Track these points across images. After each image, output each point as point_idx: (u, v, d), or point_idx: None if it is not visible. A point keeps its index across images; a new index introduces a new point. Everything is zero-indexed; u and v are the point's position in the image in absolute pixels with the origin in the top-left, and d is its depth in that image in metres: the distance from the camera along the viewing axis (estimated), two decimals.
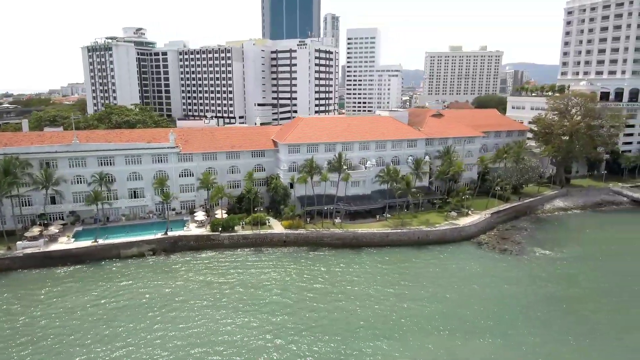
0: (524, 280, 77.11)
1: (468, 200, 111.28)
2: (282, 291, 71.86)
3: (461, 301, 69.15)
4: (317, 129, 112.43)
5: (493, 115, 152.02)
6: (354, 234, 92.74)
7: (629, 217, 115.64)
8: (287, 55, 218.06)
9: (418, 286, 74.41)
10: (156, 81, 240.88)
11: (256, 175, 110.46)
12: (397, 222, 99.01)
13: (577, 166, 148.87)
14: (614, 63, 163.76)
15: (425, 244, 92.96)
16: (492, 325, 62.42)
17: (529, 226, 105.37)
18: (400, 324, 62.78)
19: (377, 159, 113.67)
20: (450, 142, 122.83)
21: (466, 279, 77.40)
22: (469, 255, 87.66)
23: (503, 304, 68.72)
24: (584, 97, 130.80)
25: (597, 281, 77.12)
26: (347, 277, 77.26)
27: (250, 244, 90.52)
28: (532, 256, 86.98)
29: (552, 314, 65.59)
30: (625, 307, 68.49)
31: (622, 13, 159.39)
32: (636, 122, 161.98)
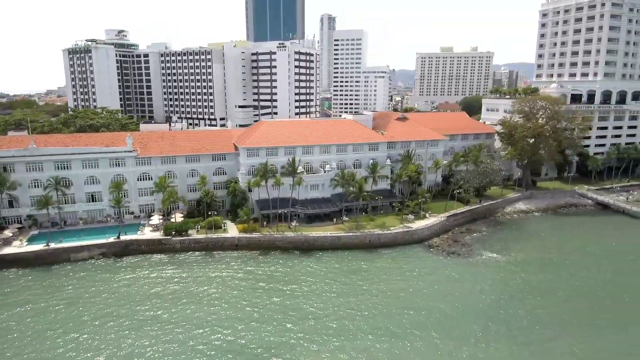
0: (464, 282, 77.70)
1: (427, 203, 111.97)
2: (217, 295, 72.43)
3: (395, 303, 69.81)
4: (278, 132, 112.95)
5: (461, 118, 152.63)
6: (306, 237, 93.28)
7: (589, 219, 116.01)
8: (268, 57, 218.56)
9: (357, 287, 75.19)
10: (138, 83, 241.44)
11: (217, 178, 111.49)
12: (352, 226, 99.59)
13: (546, 169, 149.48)
14: (586, 65, 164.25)
15: (377, 246, 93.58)
16: (415, 328, 63.09)
17: (484, 229, 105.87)
18: (325, 325, 63.49)
19: (338, 162, 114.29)
20: (412, 146, 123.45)
21: (407, 280, 78.25)
22: (416, 258, 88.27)
23: (435, 306, 69.28)
24: (549, 100, 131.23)
25: (530, 285, 77.54)
26: (289, 279, 77.83)
27: (202, 248, 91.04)
28: (478, 259, 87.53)
29: (481, 318, 66.31)
30: (554, 309, 69.09)
31: (594, 15, 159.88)
32: (609, 124, 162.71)
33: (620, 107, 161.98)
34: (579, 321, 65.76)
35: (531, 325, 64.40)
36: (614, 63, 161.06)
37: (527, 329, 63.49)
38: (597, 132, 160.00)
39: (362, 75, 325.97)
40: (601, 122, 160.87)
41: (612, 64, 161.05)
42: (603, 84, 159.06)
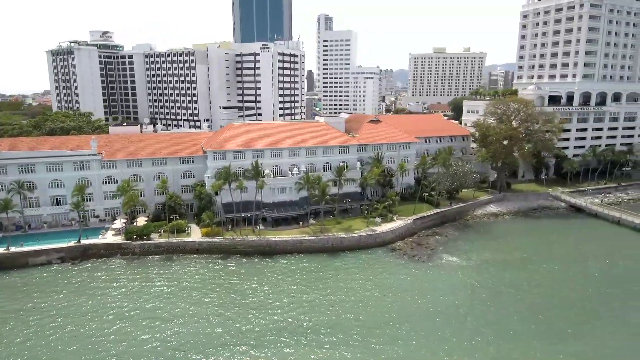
0: (417, 287, 77.41)
1: (396, 206, 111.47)
2: (164, 300, 71.89)
3: (343, 306, 69.43)
4: (247, 135, 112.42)
5: (438, 120, 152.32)
6: (268, 241, 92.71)
7: (560, 222, 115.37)
8: (251, 58, 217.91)
9: (310, 292, 74.64)
10: (123, 84, 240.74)
11: (185, 181, 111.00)
12: (317, 229, 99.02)
13: (523, 170, 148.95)
14: (565, 67, 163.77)
15: (340, 250, 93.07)
16: (357, 333, 62.65)
17: (451, 232, 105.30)
18: (267, 328, 63.00)
19: (308, 165, 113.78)
20: (384, 148, 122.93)
21: (361, 284, 78.08)
22: (376, 262, 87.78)
23: (381, 310, 68.93)
24: (521, 102, 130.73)
25: (483, 289, 76.95)
26: (243, 285, 77.27)
27: (162, 252, 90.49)
28: (438, 263, 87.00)
29: (425, 322, 66.10)
30: (503, 313, 68.66)
31: (573, 16, 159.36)
32: (588, 126, 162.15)
33: (599, 109, 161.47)
34: (527, 327, 65.11)
35: (475, 330, 63.86)
36: (593, 64, 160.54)
37: (470, 334, 62.92)
38: (576, 134, 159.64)
39: (351, 76, 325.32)
40: (580, 123, 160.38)
41: (591, 65, 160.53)
42: (582, 86, 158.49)
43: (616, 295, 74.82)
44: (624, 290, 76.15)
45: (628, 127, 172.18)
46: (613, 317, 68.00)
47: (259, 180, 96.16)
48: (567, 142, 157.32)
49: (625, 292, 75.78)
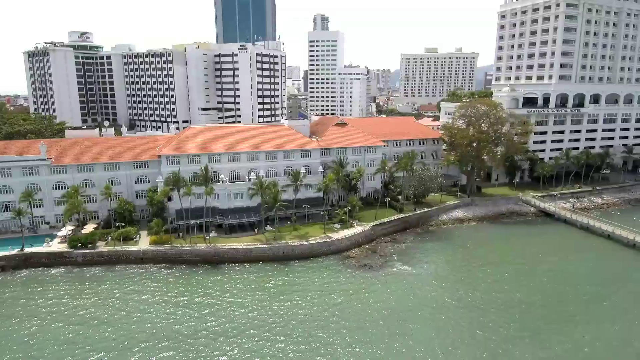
0: (360, 296, 74.63)
1: (358, 211, 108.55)
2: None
3: (277, 318, 66.54)
4: (204, 138, 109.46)
5: (409, 123, 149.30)
6: (216, 250, 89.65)
7: (526, 229, 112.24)
8: (230, 59, 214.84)
9: (248, 303, 71.71)
10: (102, 86, 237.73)
11: (140, 187, 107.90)
12: (272, 236, 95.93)
13: (497, 174, 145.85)
14: (542, 68, 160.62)
15: (291, 258, 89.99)
16: (288, 343, 59.67)
17: (410, 239, 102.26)
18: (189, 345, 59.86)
19: (268, 169, 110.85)
20: (349, 152, 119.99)
21: (302, 294, 75.24)
22: (324, 271, 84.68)
23: (315, 323, 66.13)
24: (488, 105, 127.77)
25: (428, 299, 74.29)
26: (177, 298, 74.05)
27: (105, 262, 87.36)
28: (388, 272, 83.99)
29: (360, 332, 63.33)
30: (442, 324, 65.93)
31: (549, 16, 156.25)
32: (565, 128, 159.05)
33: (577, 111, 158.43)
34: (461, 343, 62.05)
35: (410, 342, 60.94)
36: (570, 65, 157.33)
37: (404, 346, 59.95)
38: (553, 136, 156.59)
39: (338, 77, 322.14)
40: (557, 125, 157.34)
41: (568, 66, 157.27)
42: (558, 87, 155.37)
43: (560, 308, 71.49)
44: (572, 305, 72.68)
45: (608, 129, 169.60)
46: (555, 329, 64.85)
47: (208, 187, 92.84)
48: (543, 144, 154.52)
49: (573, 306, 72.35)
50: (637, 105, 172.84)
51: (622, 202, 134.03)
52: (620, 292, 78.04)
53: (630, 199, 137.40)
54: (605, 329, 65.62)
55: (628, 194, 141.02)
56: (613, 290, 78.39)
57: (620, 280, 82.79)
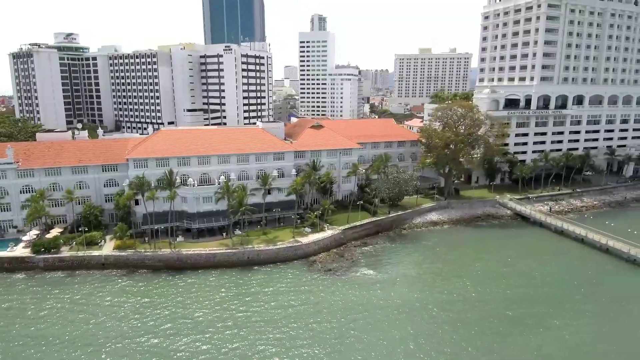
0: (319, 303, 73.51)
1: (330, 215, 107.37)
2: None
3: (230, 335, 65.06)
4: (174, 141, 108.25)
5: (388, 125, 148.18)
6: (178, 255, 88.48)
7: (500, 232, 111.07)
8: (215, 60, 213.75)
9: (199, 310, 70.61)
10: (87, 87, 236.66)
11: (109, 190, 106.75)
12: (239, 241, 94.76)
13: (477, 176, 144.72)
14: (524, 69, 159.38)
15: (256, 264, 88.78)
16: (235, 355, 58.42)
17: (381, 243, 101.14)
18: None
19: (239, 172, 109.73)
20: (323, 155, 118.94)
21: (258, 302, 73.96)
22: (288, 276, 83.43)
23: (263, 331, 65.05)
24: (466, 107, 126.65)
25: (383, 305, 72.92)
26: (130, 305, 72.74)
27: (66, 267, 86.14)
28: (352, 277, 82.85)
29: (309, 340, 62.37)
30: (392, 331, 64.83)
31: (531, 17, 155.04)
32: (548, 130, 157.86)
33: (559, 112, 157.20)
34: (413, 345, 60.98)
35: (356, 345, 60.04)
36: (552, 67, 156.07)
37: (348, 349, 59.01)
38: (535, 138, 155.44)
39: (329, 77, 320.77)
40: (540, 127, 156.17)
41: (550, 67, 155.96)
42: (539, 89, 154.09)
43: (517, 317, 70.11)
44: (528, 312, 71.20)
45: (593, 130, 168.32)
46: (510, 341, 63.70)
47: (171, 191, 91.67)
48: (525, 146, 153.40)
49: (529, 314, 70.77)
50: (622, 107, 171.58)
51: (601, 205, 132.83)
52: (586, 297, 76.78)
53: (610, 201, 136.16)
54: (560, 335, 64.47)
55: (609, 196, 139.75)
56: (579, 295, 77.21)
57: (589, 284, 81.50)
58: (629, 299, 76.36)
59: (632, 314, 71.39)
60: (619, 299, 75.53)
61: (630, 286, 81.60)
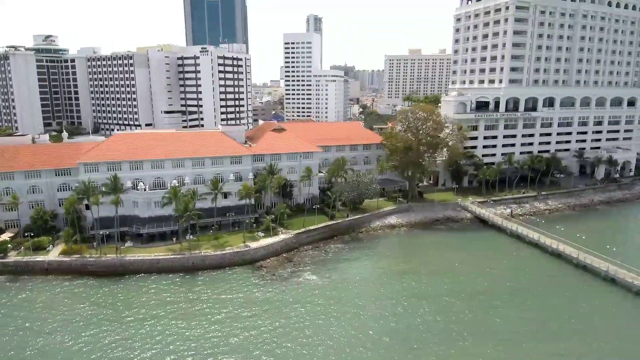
0: (251, 308, 73.24)
1: (285, 218, 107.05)
2: None
3: (146, 342, 64.51)
4: (128, 145, 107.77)
5: (355, 128, 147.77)
6: (121, 261, 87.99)
7: (455, 235, 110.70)
8: (193, 61, 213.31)
9: (121, 315, 69.99)
10: (66, 89, 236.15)
11: (64, 195, 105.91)
12: (185, 246, 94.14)
13: (444, 179, 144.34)
14: (493, 72, 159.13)
15: (201, 269, 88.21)
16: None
17: (334, 247, 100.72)
18: None
19: (195, 177, 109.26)
20: (283, 158, 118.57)
21: (191, 308, 73.41)
22: (227, 282, 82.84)
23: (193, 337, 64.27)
24: (427, 110, 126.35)
25: (318, 311, 72.64)
26: (57, 312, 72.23)
27: (9, 272, 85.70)
28: (293, 281, 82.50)
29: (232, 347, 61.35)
30: (319, 338, 64.29)
31: (499, 19, 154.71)
32: (517, 132, 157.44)
33: (528, 115, 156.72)
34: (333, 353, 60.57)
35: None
36: (521, 69, 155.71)
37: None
38: (504, 141, 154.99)
39: (313, 79, 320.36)
40: (510, 130, 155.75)
41: (519, 69, 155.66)
42: (508, 91, 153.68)
43: (442, 326, 69.38)
44: (457, 319, 70.68)
45: (565, 132, 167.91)
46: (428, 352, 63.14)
47: (115, 196, 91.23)
48: (494, 149, 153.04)
49: (456, 321, 70.23)
50: (595, 108, 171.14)
51: (565, 208, 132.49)
52: (523, 302, 76.37)
53: (576, 204, 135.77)
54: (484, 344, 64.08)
55: (576, 199, 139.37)
56: (516, 301, 76.80)
57: (530, 290, 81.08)
58: (560, 306, 75.79)
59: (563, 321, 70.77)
60: (549, 310, 74.54)
61: (571, 291, 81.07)
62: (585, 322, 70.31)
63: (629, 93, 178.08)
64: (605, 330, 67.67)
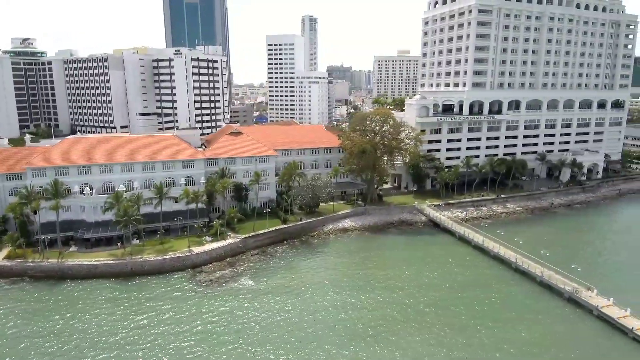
0: (180, 314, 73.44)
1: (235, 222, 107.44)
2: None
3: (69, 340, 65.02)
4: (77, 149, 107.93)
5: (318, 131, 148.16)
6: (60, 266, 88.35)
7: (406, 238, 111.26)
8: (167, 64, 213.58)
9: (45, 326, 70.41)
10: (44, 92, 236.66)
11: (13, 199, 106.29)
12: (128, 252, 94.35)
13: (406, 182, 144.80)
14: (458, 75, 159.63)
15: (140, 274, 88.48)
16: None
17: (281, 251, 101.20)
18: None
19: (145, 181, 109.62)
20: (239, 162, 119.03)
21: (118, 314, 73.75)
22: (162, 287, 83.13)
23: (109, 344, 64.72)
24: (382, 114, 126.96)
25: (233, 317, 72.91)
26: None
27: None
28: (228, 287, 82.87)
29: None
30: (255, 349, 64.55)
31: (463, 23, 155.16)
32: (482, 135, 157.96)
33: (492, 118, 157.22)
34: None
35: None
36: (485, 72, 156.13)
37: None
38: (468, 144, 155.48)
39: (297, 80, 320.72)
40: (474, 133, 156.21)
41: (483, 73, 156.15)
42: (471, 94, 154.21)
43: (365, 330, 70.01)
44: (385, 323, 71.25)
45: (533, 135, 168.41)
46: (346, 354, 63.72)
47: (56, 201, 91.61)
48: (458, 152, 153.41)
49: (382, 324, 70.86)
50: (563, 111, 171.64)
51: (523, 211, 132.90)
52: (453, 305, 76.81)
53: (534, 207, 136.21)
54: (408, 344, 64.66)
55: (536, 202, 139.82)
56: (446, 304, 77.29)
57: (465, 291, 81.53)
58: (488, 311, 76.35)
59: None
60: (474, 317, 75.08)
61: (503, 296, 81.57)
62: (503, 323, 70.85)
63: (599, 95, 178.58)
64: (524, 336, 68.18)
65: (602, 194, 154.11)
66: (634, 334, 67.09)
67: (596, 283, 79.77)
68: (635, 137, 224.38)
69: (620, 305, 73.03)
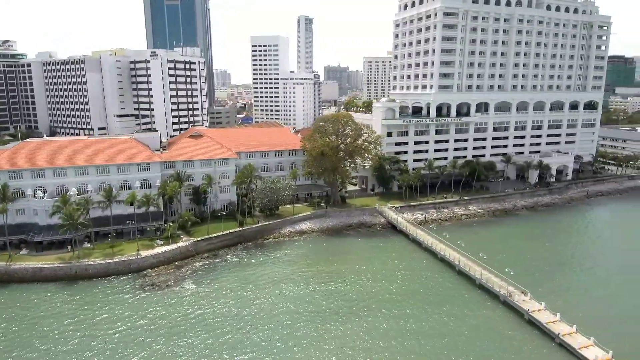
0: (106, 316, 74.21)
1: (188, 226, 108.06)
2: None
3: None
4: (33, 153, 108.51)
5: (283, 133, 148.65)
6: (6, 269, 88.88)
7: (361, 241, 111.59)
8: (144, 65, 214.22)
9: None
10: (24, 93, 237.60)
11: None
12: (75, 255, 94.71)
13: (372, 184, 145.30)
14: (425, 77, 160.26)
15: (84, 278, 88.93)
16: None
17: (233, 254, 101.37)
18: None
19: (100, 184, 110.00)
20: (198, 164, 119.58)
21: (53, 319, 74.03)
22: (101, 290, 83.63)
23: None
24: (343, 117, 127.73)
25: (168, 321, 73.33)
26: None
27: None
28: (169, 290, 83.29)
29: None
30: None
31: (429, 26, 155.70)
32: (450, 137, 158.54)
33: (459, 120, 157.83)
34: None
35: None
36: (452, 75, 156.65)
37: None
38: (435, 146, 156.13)
39: (281, 82, 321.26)
40: (442, 135, 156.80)
41: (450, 75, 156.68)
42: (437, 97, 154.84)
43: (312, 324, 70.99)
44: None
45: (503, 137, 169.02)
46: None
47: (3, 205, 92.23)
48: (426, 154, 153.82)
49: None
50: (533, 113, 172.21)
51: (485, 213, 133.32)
52: (380, 311, 77.37)
53: (497, 209, 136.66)
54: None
55: (499, 204, 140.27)
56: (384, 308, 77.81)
57: (400, 298, 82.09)
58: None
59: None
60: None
61: (441, 297, 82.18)
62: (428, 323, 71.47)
63: (571, 97, 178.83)
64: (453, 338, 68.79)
65: (569, 196, 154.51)
66: (560, 340, 67.48)
67: (533, 287, 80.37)
68: (613, 138, 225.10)
69: (553, 310, 73.48)
